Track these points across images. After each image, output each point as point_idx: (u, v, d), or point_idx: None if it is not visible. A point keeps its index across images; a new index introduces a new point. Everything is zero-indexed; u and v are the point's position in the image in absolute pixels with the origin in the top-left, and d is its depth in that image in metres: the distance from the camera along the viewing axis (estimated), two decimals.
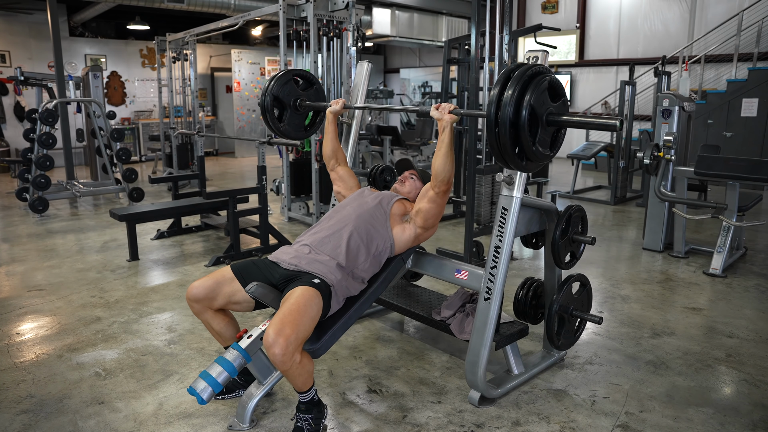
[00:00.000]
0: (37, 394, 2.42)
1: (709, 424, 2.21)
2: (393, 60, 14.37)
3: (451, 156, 2.25)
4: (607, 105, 9.97)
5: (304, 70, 2.95)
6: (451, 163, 2.24)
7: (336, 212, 2.41)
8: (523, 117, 1.83)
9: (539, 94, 1.86)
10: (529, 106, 1.83)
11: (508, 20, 3.94)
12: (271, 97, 2.82)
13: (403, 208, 2.44)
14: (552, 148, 2.00)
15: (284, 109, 2.88)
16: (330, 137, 2.77)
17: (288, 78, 2.85)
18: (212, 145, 11.79)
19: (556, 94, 1.93)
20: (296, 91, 2.90)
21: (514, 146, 1.89)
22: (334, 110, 2.76)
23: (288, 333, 1.86)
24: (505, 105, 1.83)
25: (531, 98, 1.83)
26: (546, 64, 2.22)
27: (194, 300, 2.18)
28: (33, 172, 6.04)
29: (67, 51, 9.64)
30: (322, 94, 3.00)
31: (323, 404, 2.16)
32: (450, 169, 2.25)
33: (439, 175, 2.25)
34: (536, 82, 1.86)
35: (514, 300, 2.69)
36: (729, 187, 4.03)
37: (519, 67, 1.90)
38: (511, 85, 1.84)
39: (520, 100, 1.84)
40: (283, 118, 2.89)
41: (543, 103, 1.88)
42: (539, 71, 1.89)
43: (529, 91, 1.84)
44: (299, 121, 2.97)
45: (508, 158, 1.92)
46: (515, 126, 1.85)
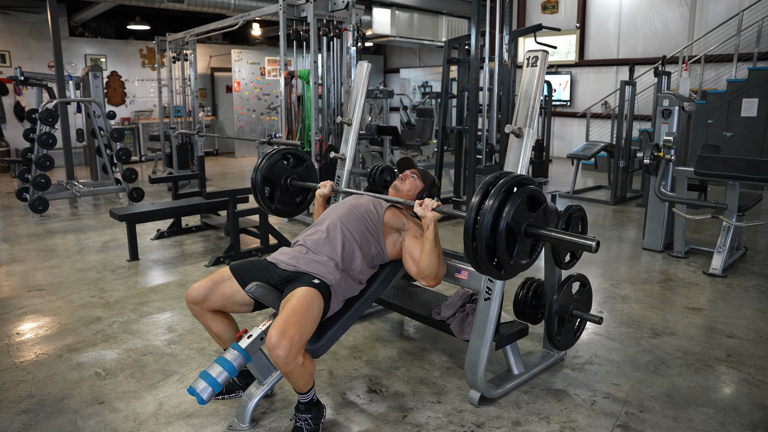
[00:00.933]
0: (37, 394, 2.42)
1: (709, 424, 2.21)
2: (393, 60, 14.37)
3: (437, 252, 2.20)
4: (607, 105, 9.97)
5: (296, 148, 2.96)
6: (437, 259, 2.20)
7: (331, 212, 2.42)
8: (501, 231, 1.83)
9: (518, 206, 1.85)
10: (506, 219, 1.83)
11: (508, 20, 3.94)
12: (261, 176, 2.80)
13: (398, 220, 2.40)
14: (530, 257, 2.01)
15: (275, 188, 2.88)
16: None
17: (278, 157, 2.85)
18: (212, 145, 11.79)
19: (535, 204, 1.94)
20: (286, 169, 2.89)
21: (492, 258, 1.89)
22: (322, 193, 2.74)
23: (291, 334, 1.86)
24: (483, 216, 1.83)
25: (510, 211, 1.83)
26: (546, 64, 2.22)
27: (193, 302, 2.18)
28: (33, 172, 6.04)
29: (67, 51, 9.64)
30: (312, 170, 2.99)
31: (322, 404, 2.16)
32: (436, 266, 2.20)
33: (425, 271, 2.21)
34: (515, 195, 1.86)
35: (514, 300, 2.69)
36: (729, 187, 4.03)
37: (499, 178, 1.90)
38: (491, 196, 1.84)
39: (499, 213, 1.84)
40: (274, 197, 2.88)
41: (521, 216, 1.89)
42: (519, 182, 1.90)
43: (508, 204, 1.84)
44: (290, 199, 2.96)
45: (485, 269, 1.93)
46: (493, 239, 1.85)
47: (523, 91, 2.23)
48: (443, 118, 5.86)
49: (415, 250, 2.30)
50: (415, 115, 11.05)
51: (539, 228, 1.93)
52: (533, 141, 2.23)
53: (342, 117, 3.87)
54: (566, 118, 10.87)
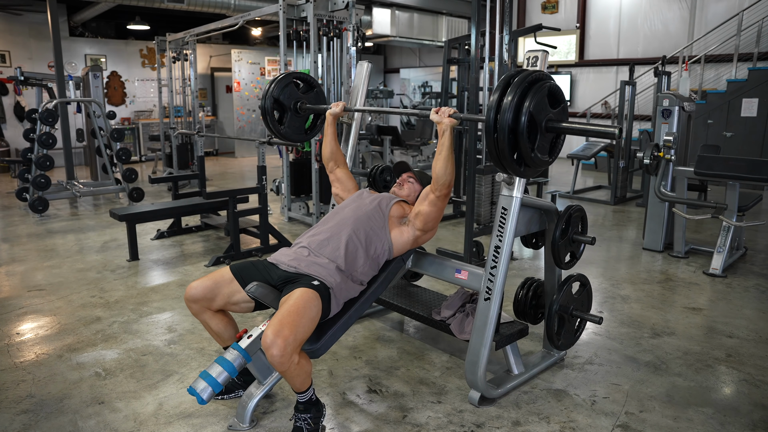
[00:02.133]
0: (37, 394, 2.42)
1: (709, 424, 2.21)
2: (393, 60, 14.37)
3: (452, 159, 2.24)
4: (607, 105, 9.97)
5: (305, 72, 2.95)
6: (451, 166, 2.24)
7: (335, 214, 2.41)
8: (522, 123, 1.83)
9: (539, 100, 1.85)
10: (528, 112, 1.82)
11: (508, 20, 3.94)
12: (272, 99, 2.81)
13: (402, 211, 2.44)
14: (551, 154, 1.99)
15: (284, 112, 2.88)
16: (329, 139, 2.78)
17: (288, 81, 2.85)
18: (212, 145, 11.79)
19: (556, 101, 1.93)
20: (297, 94, 2.89)
21: (513, 152, 1.88)
22: (333, 112, 2.77)
23: (286, 334, 1.86)
24: (504, 111, 1.82)
25: (530, 104, 1.82)
26: (546, 65, 2.22)
27: (192, 300, 2.18)
28: (33, 172, 6.04)
29: (67, 51, 9.64)
30: (322, 96, 3.00)
31: (321, 403, 2.16)
32: (451, 173, 2.25)
33: (440, 178, 2.25)
34: (536, 88, 1.85)
35: (514, 300, 2.69)
36: (729, 187, 4.03)
37: (519, 72, 1.89)
38: (511, 90, 1.84)
39: (520, 106, 1.83)
40: (283, 121, 2.89)
41: (542, 110, 1.88)
42: (539, 77, 1.88)
43: (528, 98, 1.83)
44: (299, 124, 2.96)
45: (506, 164, 1.92)
46: (514, 132, 1.84)
47: None
48: None
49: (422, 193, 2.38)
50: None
51: (559, 121, 1.92)
52: None
53: (342, 117, 3.86)
54: None
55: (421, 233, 2.37)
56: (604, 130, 1.88)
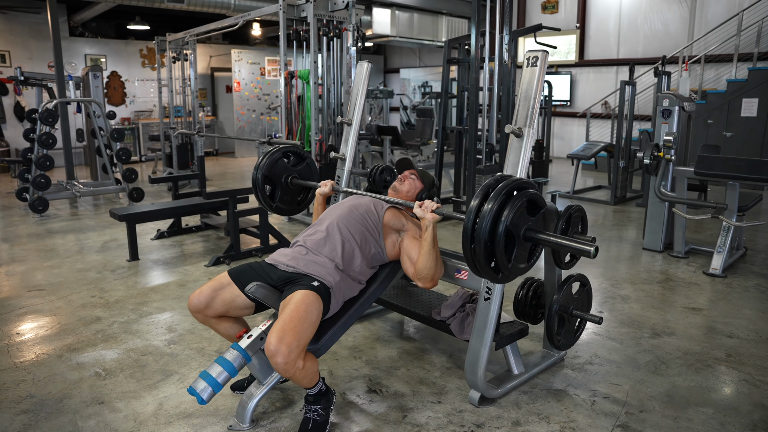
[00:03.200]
0: (37, 394, 2.42)
1: (709, 424, 2.21)
2: (393, 60, 14.37)
3: (435, 254, 2.20)
4: (607, 105, 9.98)
5: (296, 146, 2.97)
6: (434, 261, 2.20)
7: (330, 213, 2.42)
8: (500, 234, 1.82)
9: (517, 210, 1.84)
10: (505, 223, 1.81)
11: (508, 20, 3.94)
12: (262, 174, 2.80)
13: (397, 221, 2.40)
14: (529, 261, 1.99)
15: (276, 186, 2.87)
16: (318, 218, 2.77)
17: (278, 157, 2.85)
18: (212, 145, 11.79)
19: (535, 208, 1.93)
20: (287, 168, 2.89)
21: (490, 261, 1.88)
22: (322, 192, 2.75)
23: (289, 341, 1.86)
24: (482, 219, 1.82)
25: (509, 215, 1.82)
26: (546, 65, 2.22)
27: (196, 310, 2.19)
28: (33, 172, 6.04)
29: (67, 51, 9.64)
30: (313, 168, 2.99)
31: (331, 391, 2.17)
32: (433, 267, 2.20)
33: (422, 272, 2.22)
34: (515, 198, 1.85)
35: (514, 300, 2.69)
36: (729, 187, 4.03)
37: (500, 180, 1.89)
38: (490, 199, 1.83)
39: (498, 216, 1.82)
40: (275, 196, 2.88)
41: (521, 220, 1.88)
42: (519, 186, 1.89)
43: (507, 207, 1.83)
44: (291, 198, 2.96)
45: (483, 271, 1.91)
46: (492, 242, 1.84)
47: (523, 91, 2.23)
48: (443, 118, 5.86)
49: (413, 251, 2.30)
50: (415, 115, 11.05)
51: (538, 232, 1.93)
52: (533, 141, 2.23)
53: (342, 117, 3.86)
54: (566, 118, 10.87)
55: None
56: (581, 247, 1.86)
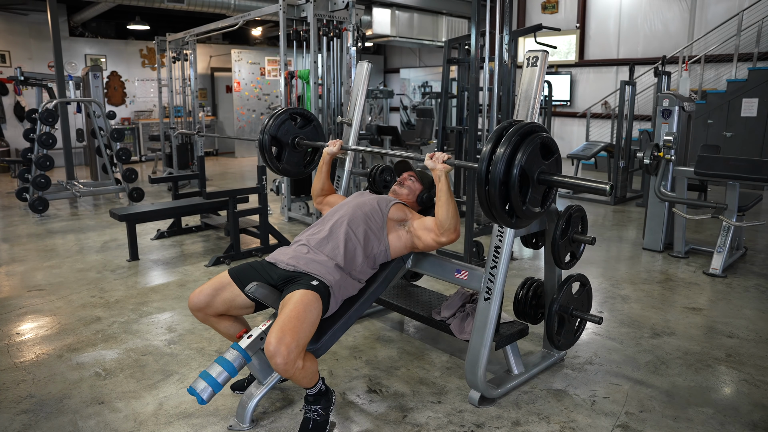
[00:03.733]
0: (37, 394, 2.42)
1: (709, 424, 2.21)
2: (393, 60, 14.36)
3: (453, 203, 2.20)
4: (607, 105, 9.97)
5: (302, 108, 2.97)
6: (453, 210, 2.20)
7: (334, 212, 2.42)
8: (514, 176, 1.81)
9: (531, 153, 1.83)
10: (520, 165, 1.81)
11: (508, 20, 3.94)
12: (269, 136, 2.81)
13: (402, 214, 2.41)
14: (543, 205, 1.99)
15: (282, 147, 2.88)
16: (322, 177, 2.78)
17: (285, 117, 2.86)
18: (212, 145, 11.79)
19: (549, 152, 1.93)
20: (294, 129, 2.90)
21: (504, 204, 1.87)
22: (330, 151, 2.76)
23: (289, 341, 1.86)
24: (496, 162, 1.81)
25: (522, 157, 1.81)
26: (546, 65, 2.22)
27: (196, 309, 2.19)
28: (33, 172, 6.04)
29: (67, 51, 9.63)
30: (320, 130, 3.00)
31: (331, 391, 2.17)
32: (454, 216, 2.21)
33: (444, 224, 2.22)
34: (528, 141, 1.84)
35: (514, 300, 2.69)
36: (729, 187, 4.03)
37: (512, 124, 1.89)
38: (504, 142, 1.83)
39: (512, 158, 1.81)
40: (281, 157, 2.89)
41: (534, 162, 1.87)
42: (532, 129, 1.88)
43: (521, 150, 1.82)
44: (298, 159, 2.97)
45: (497, 216, 1.90)
46: (506, 185, 1.83)
47: (523, 91, 2.23)
48: (443, 118, 5.86)
49: (426, 223, 2.33)
50: (415, 115, 11.05)
51: (552, 174, 1.91)
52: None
53: (342, 117, 3.87)
54: (566, 118, 10.87)
55: (418, 249, 2.39)
56: (595, 185, 1.86)
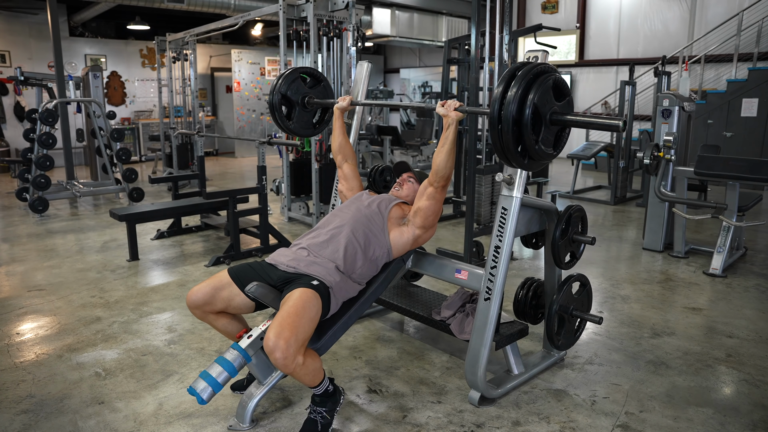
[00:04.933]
0: (37, 394, 2.42)
1: (709, 424, 2.21)
2: (393, 60, 14.36)
3: (453, 153, 2.27)
4: (607, 105, 9.97)
5: (311, 67, 2.96)
6: (452, 159, 2.28)
7: (334, 216, 2.42)
8: (527, 115, 1.82)
9: (543, 92, 1.84)
10: (532, 104, 1.82)
11: (508, 20, 3.94)
12: (279, 95, 2.81)
13: (402, 212, 2.44)
14: (555, 147, 1.98)
15: (292, 107, 2.88)
16: (337, 132, 2.80)
17: (295, 76, 2.85)
18: (212, 145, 11.79)
19: (561, 94, 1.92)
20: (304, 88, 2.90)
21: (517, 145, 1.88)
22: (341, 107, 2.78)
23: (287, 336, 1.86)
24: (508, 103, 1.82)
25: (535, 97, 1.82)
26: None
27: (194, 306, 2.19)
28: (33, 172, 6.04)
29: (67, 51, 9.64)
30: (329, 90, 3.01)
31: (339, 392, 2.17)
32: (451, 166, 2.29)
33: (440, 170, 2.28)
34: (540, 81, 1.84)
35: (514, 300, 2.69)
36: (729, 187, 4.03)
37: (524, 65, 1.89)
38: (515, 83, 1.83)
39: (524, 98, 1.82)
40: (291, 116, 2.89)
41: (547, 102, 1.87)
42: (544, 70, 1.88)
43: (533, 90, 1.82)
44: (308, 119, 2.97)
45: (510, 156, 1.91)
46: (518, 124, 1.84)
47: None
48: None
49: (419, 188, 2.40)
50: (415, 115, 11.05)
51: (565, 114, 1.91)
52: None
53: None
54: None
55: (422, 231, 2.37)
56: (608, 122, 1.87)
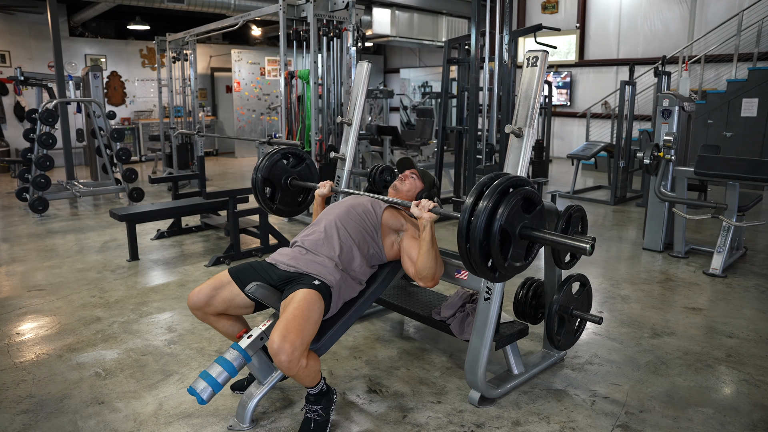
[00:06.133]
0: (37, 394, 2.42)
1: (709, 424, 2.21)
2: (393, 60, 14.37)
3: (434, 253, 2.18)
4: (607, 105, 9.98)
5: (295, 148, 2.97)
6: (434, 260, 2.18)
7: (328, 213, 2.42)
8: (495, 232, 1.81)
9: (512, 208, 1.83)
10: (500, 221, 1.81)
11: (508, 20, 3.94)
12: (261, 176, 2.80)
13: (396, 221, 2.39)
14: (526, 259, 1.98)
15: (276, 187, 2.88)
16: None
17: (277, 158, 2.85)
18: (212, 145, 11.79)
19: (531, 205, 1.92)
20: (287, 169, 2.90)
21: (486, 260, 1.87)
22: (321, 193, 2.74)
23: (293, 339, 1.86)
24: (476, 218, 1.81)
25: (504, 213, 1.81)
26: (546, 64, 2.22)
27: (195, 308, 2.20)
28: (33, 172, 6.04)
29: (67, 51, 9.63)
30: (313, 169, 2.99)
31: (332, 391, 2.17)
32: (433, 266, 2.19)
33: (422, 272, 2.20)
34: (510, 196, 1.84)
35: (514, 300, 2.69)
36: (729, 187, 4.03)
37: (495, 178, 1.88)
38: (485, 197, 1.83)
39: (492, 214, 1.81)
40: (275, 197, 2.89)
41: (516, 217, 1.87)
42: (514, 183, 1.88)
43: (502, 205, 1.82)
44: (291, 199, 2.96)
45: (478, 271, 1.90)
46: (486, 241, 1.83)
47: (523, 91, 2.23)
48: (443, 118, 5.87)
49: (413, 251, 2.29)
50: (415, 115, 11.05)
51: (534, 230, 1.92)
52: (533, 141, 2.23)
53: (342, 117, 3.87)
54: (566, 118, 10.88)
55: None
56: (575, 244, 1.84)
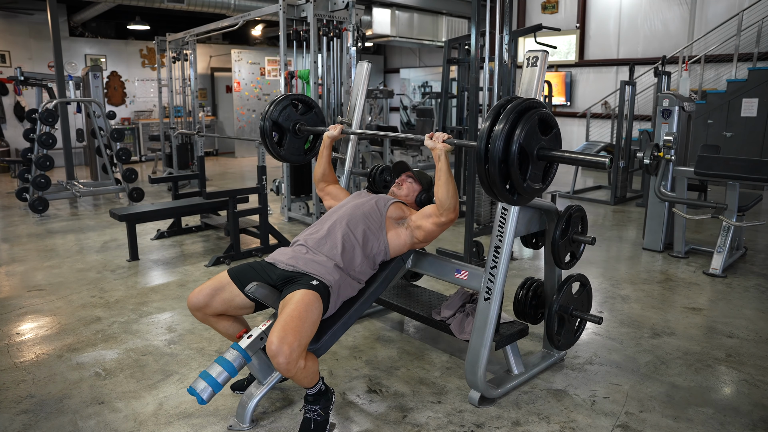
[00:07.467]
0: (37, 394, 2.42)
1: (709, 424, 2.21)
2: (393, 60, 14.36)
3: (452, 182, 2.20)
4: (607, 105, 9.97)
5: (303, 94, 2.97)
6: (453, 189, 2.20)
7: (333, 212, 2.42)
8: (513, 153, 1.81)
9: (529, 128, 1.83)
10: (518, 141, 1.80)
11: (508, 20, 3.94)
12: (270, 122, 2.82)
13: (400, 212, 2.42)
14: (544, 181, 1.98)
15: (283, 133, 2.89)
16: (323, 161, 2.78)
17: (287, 102, 2.86)
18: (212, 145, 11.79)
19: (548, 127, 1.92)
20: (295, 115, 2.91)
21: (505, 182, 1.87)
22: (331, 135, 2.76)
23: (291, 340, 1.86)
24: (494, 140, 1.81)
25: (521, 133, 1.80)
26: (546, 65, 2.22)
27: (195, 309, 2.20)
28: (33, 172, 6.04)
29: (67, 51, 9.64)
30: (321, 117, 3.01)
31: (331, 391, 2.18)
32: (453, 196, 2.21)
33: (444, 203, 2.22)
34: (527, 117, 1.83)
35: (514, 300, 2.69)
36: (729, 187, 4.03)
37: (510, 101, 1.88)
38: (502, 119, 1.82)
39: (510, 135, 1.81)
40: (282, 142, 2.90)
41: (533, 138, 1.86)
42: (530, 105, 1.87)
43: (519, 126, 1.81)
44: (298, 146, 2.98)
45: (498, 193, 1.90)
46: (505, 162, 1.82)
47: (523, 91, 2.23)
48: (443, 118, 5.87)
49: (425, 209, 2.33)
50: (415, 115, 11.05)
51: (552, 150, 1.91)
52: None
53: (342, 117, 3.87)
54: (566, 118, 10.87)
55: (419, 241, 2.37)
56: (595, 159, 1.85)
